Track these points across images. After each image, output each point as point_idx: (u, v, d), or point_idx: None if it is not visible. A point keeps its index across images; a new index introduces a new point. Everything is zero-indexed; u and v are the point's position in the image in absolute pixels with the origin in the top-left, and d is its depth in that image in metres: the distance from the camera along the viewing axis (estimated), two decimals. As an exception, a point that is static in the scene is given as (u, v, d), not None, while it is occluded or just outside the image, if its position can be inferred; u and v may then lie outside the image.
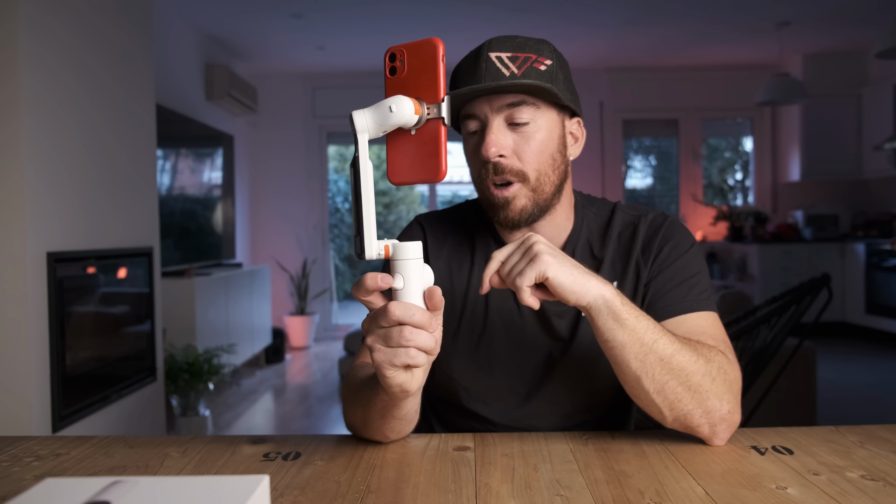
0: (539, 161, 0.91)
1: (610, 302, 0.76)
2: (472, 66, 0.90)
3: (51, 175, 2.23)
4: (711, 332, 0.89)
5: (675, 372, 0.78)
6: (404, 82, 0.70)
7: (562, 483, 0.71)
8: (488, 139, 0.88)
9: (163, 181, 4.05)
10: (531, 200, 0.92)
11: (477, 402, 1.00)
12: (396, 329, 0.66)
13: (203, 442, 0.87)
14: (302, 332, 5.75)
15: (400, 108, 0.68)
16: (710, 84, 6.18)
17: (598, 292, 0.76)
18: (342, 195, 6.57)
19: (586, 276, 0.76)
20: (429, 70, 0.68)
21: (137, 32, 2.86)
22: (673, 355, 0.78)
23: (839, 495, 0.67)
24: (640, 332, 0.77)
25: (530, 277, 0.74)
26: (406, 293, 0.68)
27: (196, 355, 3.30)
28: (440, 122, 0.68)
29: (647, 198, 6.47)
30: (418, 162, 0.70)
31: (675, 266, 0.95)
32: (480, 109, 0.90)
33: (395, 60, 0.71)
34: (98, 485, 0.47)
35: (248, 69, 5.84)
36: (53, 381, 2.21)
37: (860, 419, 3.36)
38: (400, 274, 0.68)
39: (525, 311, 0.98)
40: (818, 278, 2.01)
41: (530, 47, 0.90)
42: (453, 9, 4.50)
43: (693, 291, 0.93)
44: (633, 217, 1.01)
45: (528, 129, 0.90)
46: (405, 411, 0.80)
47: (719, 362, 0.81)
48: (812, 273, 5.51)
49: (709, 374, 0.79)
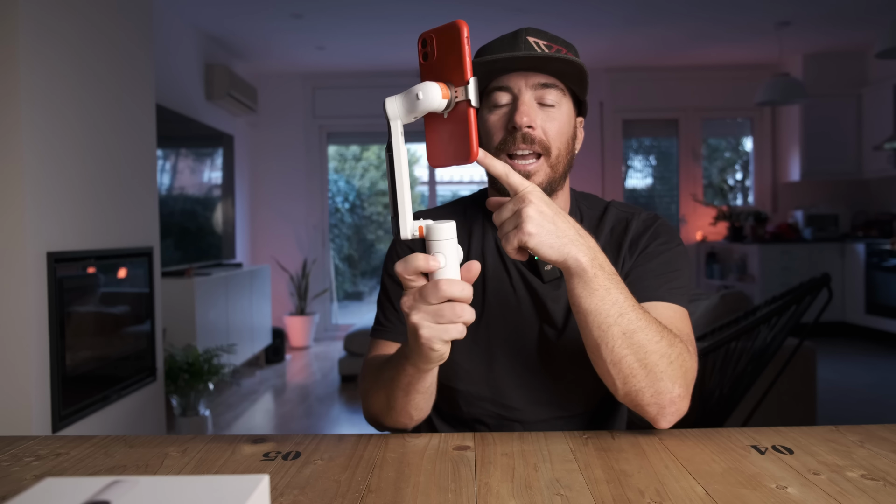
0: (560, 140, 0.95)
1: (584, 267, 0.78)
2: (511, 42, 0.94)
3: (51, 175, 2.23)
4: (678, 325, 0.92)
5: (634, 347, 0.80)
6: (436, 67, 0.71)
7: (562, 482, 0.71)
8: (521, 109, 0.91)
9: (163, 181, 4.05)
10: (547, 177, 0.94)
11: (478, 386, 1.01)
12: (448, 306, 0.70)
13: (203, 442, 0.87)
14: (302, 332, 5.75)
15: (427, 94, 0.69)
16: (710, 84, 6.17)
17: (574, 257, 0.77)
18: (342, 195, 6.57)
19: (567, 239, 0.77)
20: (454, 52, 0.70)
21: (137, 32, 2.86)
22: (636, 331, 0.80)
23: (839, 495, 0.67)
24: (607, 303, 0.79)
25: (513, 244, 0.76)
26: (447, 271, 0.70)
27: (196, 355, 3.30)
28: (468, 104, 0.70)
29: (647, 198, 6.47)
30: (451, 144, 0.72)
31: (658, 260, 0.98)
32: (515, 83, 0.93)
33: (426, 46, 0.72)
34: (98, 484, 0.47)
35: (248, 69, 5.84)
36: (53, 381, 2.21)
37: (860, 419, 3.36)
38: (441, 253, 0.70)
39: (521, 295, 1.01)
40: (818, 278, 2.01)
41: (562, 42, 0.96)
42: (453, 9, 4.50)
43: (669, 284, 0.96)
44: (626, 214, 1.05)
45: (554, 111, 0.94)
46: (428, 383, 0.85)
47: (679, 350, 0.83)
48: (812, 273, 5.51)
49: (667, 356, 0.82)
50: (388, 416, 0.91)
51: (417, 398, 0.86)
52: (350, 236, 6.63)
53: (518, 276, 1.01)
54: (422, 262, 0.70)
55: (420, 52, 0.72)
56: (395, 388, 0.86)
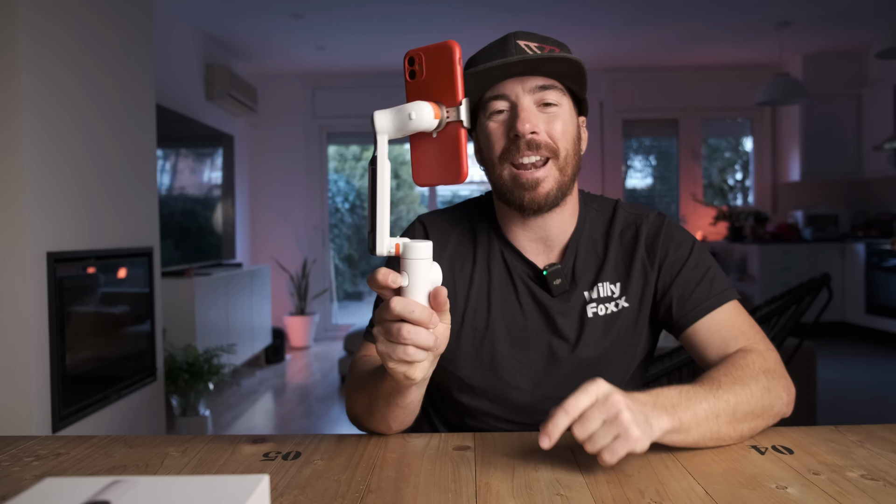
0: (566, 140, 0.93)
1: (671, 427, 0.75)
2: (500, 49, 0.91)
3: (51, 175, 2.23)
4: (739, 323, 0.94)
5: (744, 422, 0.82)
6: (423, 86, 0.71)
7: (562, 483, 0.71)
8: (522, 115, 0.89)
9: (163, 181, 4.05)
10: (557, 183, 0.92)
11: (482, 400, 1.00)
12: (396, 325, 0.69)
13: (203, 442, 0.87)
14: (302, 332, 5.75)
15: (420, 115, 0.68)
16: (710, 84, 6.17)
17: (660, 429, 0.74)
18: (342, 195, 6.57)
19: (648, 420, 0.72)
20: (446, 73, 0.69)
21: (137, 33, 2.86)
22: (735, 412, 0.80)
23: (839, 495, 0.67)
24: (703, 426, 0.78)
25: (620, 455, 0.69)
26: (411, 291, 0.70)
27: (196, 355, 3.30)
28: (459, 125, 0.69)
29: (647, 198, 6.47)
30: (440, 164, 0.72)
31: (688, 266, 0.98)
32: (511, 89, 0.91)
33: (413, 64, 0.71)
34: (98, 484, 0.47)
35: (248, 69, 5.84)
36: (53, 381, 2.21)
37: (860, 419, 3.36)
38: (406, 272, 0.70)
39: (528, 309, 0.99)
40: (818, 278, 2.01)
41: (554, 42, 0.94)
42: (453, 9, 4.50)
43: (713, 286, 0.96)
44: (634, 216, 1.03)
45: (556, 111, 0.92)
46: (409, 400, 0.83)
47: (762, 369, 0.85)
48: (812, 273, 5.51)
49: (765, 394, 0.83)
50: (368, 420, 0.89)
51: (397, 411, 0.84)
52: (350, 236, 6.63)
53: (525, 290, 0.99)
54: (380, 277, 0.69)
55: (406, 70, 0.72)
56: (378, 397, 0.84)
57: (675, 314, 0.97)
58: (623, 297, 0.99)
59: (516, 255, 1.00)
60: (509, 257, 1.01)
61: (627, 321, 0.99)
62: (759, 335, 0.94)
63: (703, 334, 0.95)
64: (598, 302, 0.99)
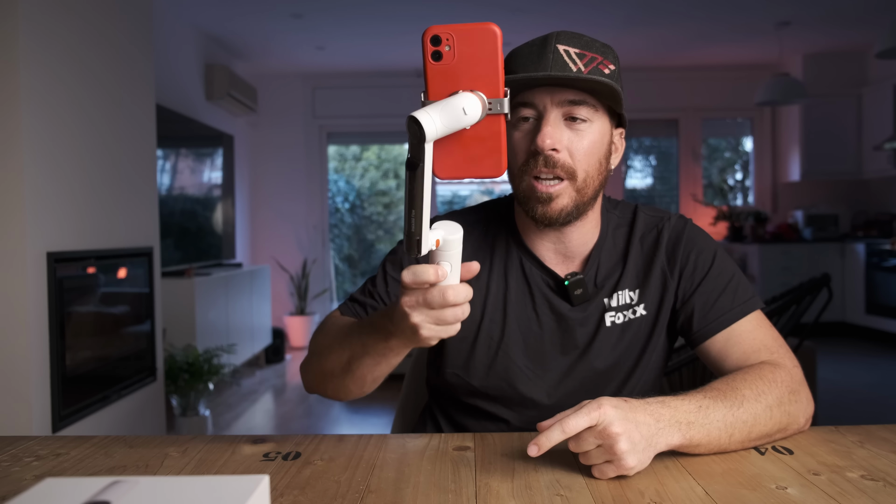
0: (588, 162, 0.89)
1: (680, 444, 0.75)
2: (538, 53, 0.87)
3: (51, 175, 2.23)
4: (761, 336, 0.92)
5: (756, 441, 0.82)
6: (452, 71, 0.65)
7: (562, 483, 0.71)
8: (545, 130, 0.86)
9: (163, 181, 4.05)
10: (573, 201, 0.90)
11: (498, 407, 1.00)
12: (449, 310, 0.70)
13: (203, 442, 0.87)
14: (302, 332, 5.75)
15: (472, 110, 0.63)
16: (710, 84, 6.17)
17: (667, 445, 0.74)
18: (342, 195, 6.56)
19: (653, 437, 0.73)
20: (487, 61, 0.64)
21: (137, 33, 2.86)
22: (751, 430, 0.80)
23: (839, 495, 0.67)
24: (713, 444, 0.78)
25: (609, 476, 0.72)
26: (451, 277, 0.70)
27: (196, 355, 3.30)
28: (502, 117, 0.65)
29: (647, 198, 6.47)
30: (472, 157, 0.67)
31: (711, 274, 0.96)
32: (540, 99, 0.87)
33: (439, 44, 0.64)
34: (98, 485, 0.47)
35: (248, 69, 5.84)
36: (53, 381, 2.21)
37: (860, 419, 3.36)
38: (447, 261, 0.69)
39: (545, 320, 0.98)
40: (818, 278, 2.01)
41: (597, 48, 0.89)
42: (453, 9, 4.50)
43: (737, 296, 0.95)
44: (655, 220, 1.01)
45: (585, 127, 0.88)
46: (396, 363, 0.83)
47: (788, 389, 0.85)
48: (812, 273, 5.51)
49: (784, 417, 0.83)
50: (338, 379, 0.87)
51: (386, 369, 0.84)
52: (350, 236, 6.63)
53: (543, 301, 0.98)
54: (432, 276, 0.68)
55: (428, 50, 0.64)
56: (365, 355, 0.81)
57: (696, 324, 0.95)
58: (641, 305, 0.98)
59: (536, 263, 0.98)
60: (528, 266, 0.98)
61: (643, 329, 0.98)
62: (784, 348, 0.92)
63: (722, 346, 0.93)
64: (617, 310, 0.97)
